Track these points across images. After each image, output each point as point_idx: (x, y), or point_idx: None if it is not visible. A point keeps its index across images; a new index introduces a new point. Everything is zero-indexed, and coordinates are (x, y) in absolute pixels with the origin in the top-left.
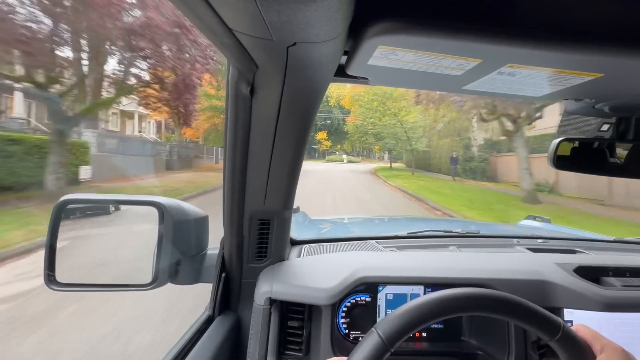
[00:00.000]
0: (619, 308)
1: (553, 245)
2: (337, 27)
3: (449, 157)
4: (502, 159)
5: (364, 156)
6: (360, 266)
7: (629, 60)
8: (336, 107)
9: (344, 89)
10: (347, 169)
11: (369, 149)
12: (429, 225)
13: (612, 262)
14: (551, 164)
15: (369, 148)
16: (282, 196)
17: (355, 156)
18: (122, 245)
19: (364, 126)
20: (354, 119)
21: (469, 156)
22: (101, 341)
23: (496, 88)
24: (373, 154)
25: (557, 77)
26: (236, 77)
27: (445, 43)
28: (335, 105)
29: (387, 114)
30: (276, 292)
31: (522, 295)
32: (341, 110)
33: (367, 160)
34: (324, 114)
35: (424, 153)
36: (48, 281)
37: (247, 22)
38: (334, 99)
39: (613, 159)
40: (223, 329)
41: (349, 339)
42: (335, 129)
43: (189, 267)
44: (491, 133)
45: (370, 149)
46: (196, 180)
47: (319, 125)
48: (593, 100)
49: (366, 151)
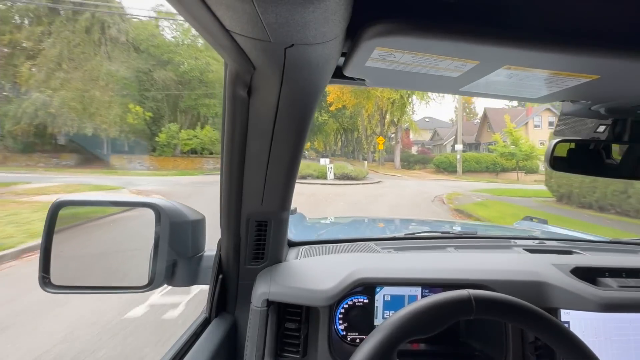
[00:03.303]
0: (616, 309)
1: (550, 246)
2: (335, 28)
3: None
4: None
5: (338, 156)
6: (357, 267)
7: (625, 63)
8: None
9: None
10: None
11: (355, 147)
12: (427, 226)
13: (609, 263)
14: (548, 164)
15: (354, 146)
16: (279, 197)
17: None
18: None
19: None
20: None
21: None
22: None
23: (493, 90)
24: (363, 154)
25: (554, 78)
26: (233, 78)
27: (442, 45)
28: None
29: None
30: (273, 293)
31: (518, 296)
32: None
33: (356, 164)
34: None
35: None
36: (43, 284)
37: (245, 24)
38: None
39: (609, 160)
40: (220, 331)
41: (346, 341)
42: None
43: (185, 269)
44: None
45: (357, 146)
46: None
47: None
48: (589, 102)
49: (350, 150)
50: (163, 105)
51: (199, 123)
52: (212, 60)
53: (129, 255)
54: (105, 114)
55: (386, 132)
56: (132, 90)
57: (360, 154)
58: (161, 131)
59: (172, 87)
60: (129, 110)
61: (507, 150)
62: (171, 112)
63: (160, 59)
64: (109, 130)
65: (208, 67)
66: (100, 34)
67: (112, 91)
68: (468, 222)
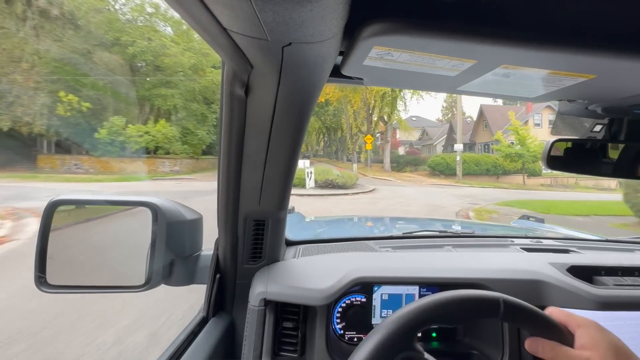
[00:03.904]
0: (611, 307)
1: (547, 245)
2: (333, 27)
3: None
4: None
5: (320, 157)
6: (355, 266)
7: (621, 62)
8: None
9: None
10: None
11: (339, 147)
12: (424, 225)
13: (605, 261)
14: (545, 164)
15: (338, 146)
16: (277, 197)
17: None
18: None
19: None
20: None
21: None
22: None
23: (491, 89)
24: (347, 154)
25: (551, 78)
26: (231, 77)
27: (440, 44)
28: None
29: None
30: (271, 292)
31: (515, 294)
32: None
33: (341, 166)
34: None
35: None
36: (39, 283)
37: (242, 22)
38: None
39: (605, 159)
40: (217, 331)
41: (344, 340)
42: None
43: (182, 268)
44: None
45: (341, 146)
46: None
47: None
48: (586, 102)
49: (333, 150)
50: (106, 95)
51: (153, 117)
52: (170, 43)
53: (126, 255)
54: (28, 104)
55: (373, 131)
56: (65, 76)
57: (345, 154)
58: (102, 126)
59: (118, 73)
60: (59, 100)
61: (513, 150)
62: (117, 103)
63: (104, 38)
64: (33, 124)
65: (164, 49)
66: (25, 5)
67: (39, 76)
68: (466, 220)
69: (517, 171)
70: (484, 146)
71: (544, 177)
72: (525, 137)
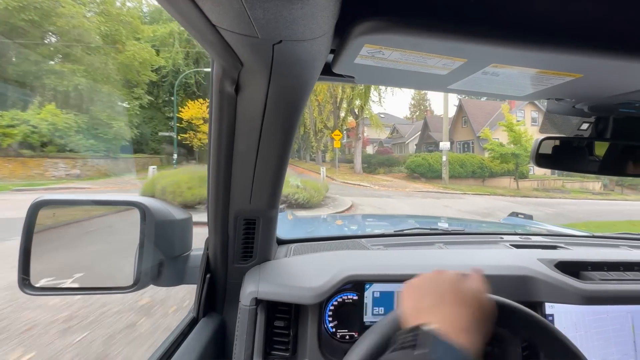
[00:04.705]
0: (598, 301)
1: (535, 242)
2: (324, 25)
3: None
4: None
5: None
6: (347, 265)
7: (607, 61)
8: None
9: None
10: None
11: (302, 144)
12: (416, 222)
13: (591, 256)
14: (533, 161)
15: (300, 143)
16: (267, 195)
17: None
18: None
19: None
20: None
21: None
22: None
23: (481, 87)
24: (311, 153)
25: (539, 77)
26: (220, 75)
27: (430, 42)
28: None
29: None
30: (262, 292)
31: (505, 290)
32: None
33: (304, 167)
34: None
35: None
36: (22, 285)
37: (232, 19)
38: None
39: (592, 157)
40: (208, 331)
41: (336, 338)
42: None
43: (172, 269)
44: None
45: (303, 144)
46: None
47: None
48: (573, 100)
49: (295, 148)
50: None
51: (39, 100)
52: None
53: (113, 255)
54: None
55: (341, 126)
56: None
57: (308, 153)
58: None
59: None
60: None
61: (509, 150)
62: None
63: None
64: None
65: (56, 6)
66: None
67: None
68: (456, 218)
69: (504, 173)
70: (464, 145)
71: (531, 180)
72: (520, 134)
